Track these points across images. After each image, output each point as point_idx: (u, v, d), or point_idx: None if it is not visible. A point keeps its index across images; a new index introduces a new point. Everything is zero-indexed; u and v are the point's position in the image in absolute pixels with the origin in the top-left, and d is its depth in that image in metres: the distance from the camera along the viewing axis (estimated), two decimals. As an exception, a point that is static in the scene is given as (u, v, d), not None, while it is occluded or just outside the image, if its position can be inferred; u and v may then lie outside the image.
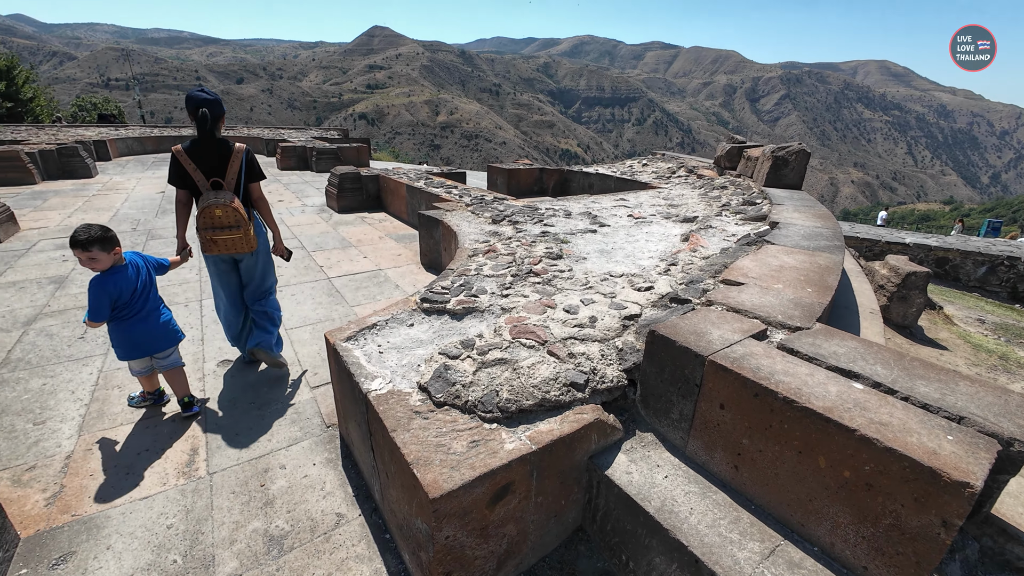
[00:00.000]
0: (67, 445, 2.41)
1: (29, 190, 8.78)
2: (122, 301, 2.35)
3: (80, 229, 2.22)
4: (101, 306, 2.29)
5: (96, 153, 12.90)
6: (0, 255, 5.20)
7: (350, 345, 2.19)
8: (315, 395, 2.88)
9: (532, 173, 9.75)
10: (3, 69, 22.33)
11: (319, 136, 17.00)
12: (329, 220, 7.20)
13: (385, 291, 4.54)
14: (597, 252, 3.60)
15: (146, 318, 2.46)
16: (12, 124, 17.92)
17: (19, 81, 23.07)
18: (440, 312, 2.52)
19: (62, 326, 3.65)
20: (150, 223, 6.72)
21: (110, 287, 2.30)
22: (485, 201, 5.68)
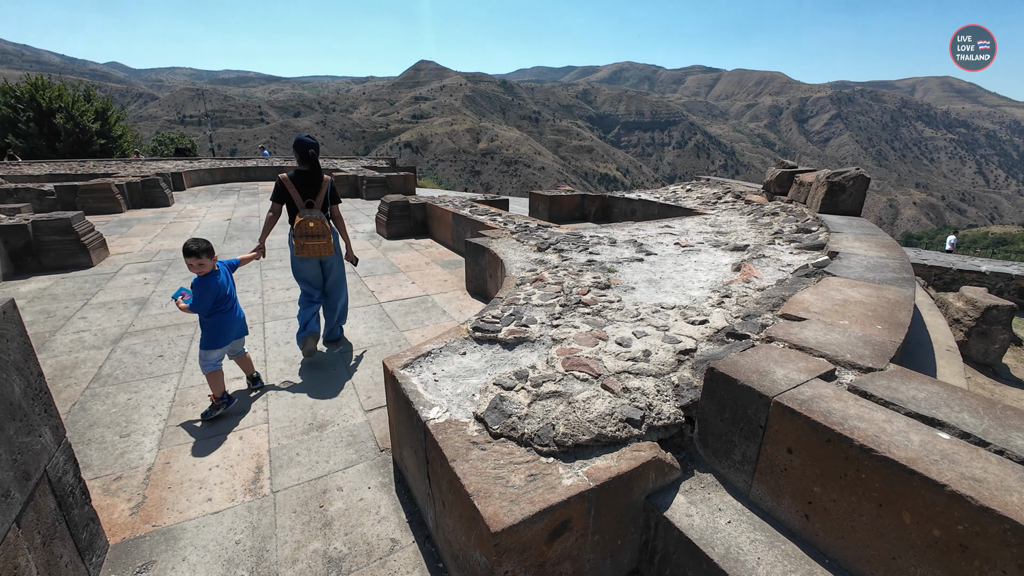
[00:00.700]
0: (148, 458, 2.61)
1: (117, 218, 9.74)
2: (220, 297, 2.92)
3: (191, 242, 2.81)
4: (207, 300, 2.87)
5: (173, 183, 14.18)
6: (92, 278, 5.77)
7: (407, 372, 2.27)
8: (369, 419, 2.98)
9: (574, 199, 9.84)
10: (99, 110, 25.17)
11: (368, 165, 17.94)
12: (379, 246, 7.53)
13: (432, 316, 4.67)
14: (645, 282, 3.57)
15: (232, 311, 3.02)
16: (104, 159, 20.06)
17: (111, 120, 25.89)
18: (491, 341, 2.57)
19: (144, 345, 3.98)
20: (219, 248, 7.26)
21: (213, 286, 2.88)
22: (529, 229, 5.78)
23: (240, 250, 7.07)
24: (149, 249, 7.16)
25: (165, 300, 5.00)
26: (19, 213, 6.70)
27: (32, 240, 5.89)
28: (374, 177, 13.07)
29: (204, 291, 2.85)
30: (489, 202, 9.02)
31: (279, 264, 6.38)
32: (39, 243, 5.95)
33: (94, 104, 25.09)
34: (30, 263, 5.96)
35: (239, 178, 17.10)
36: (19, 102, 22.64)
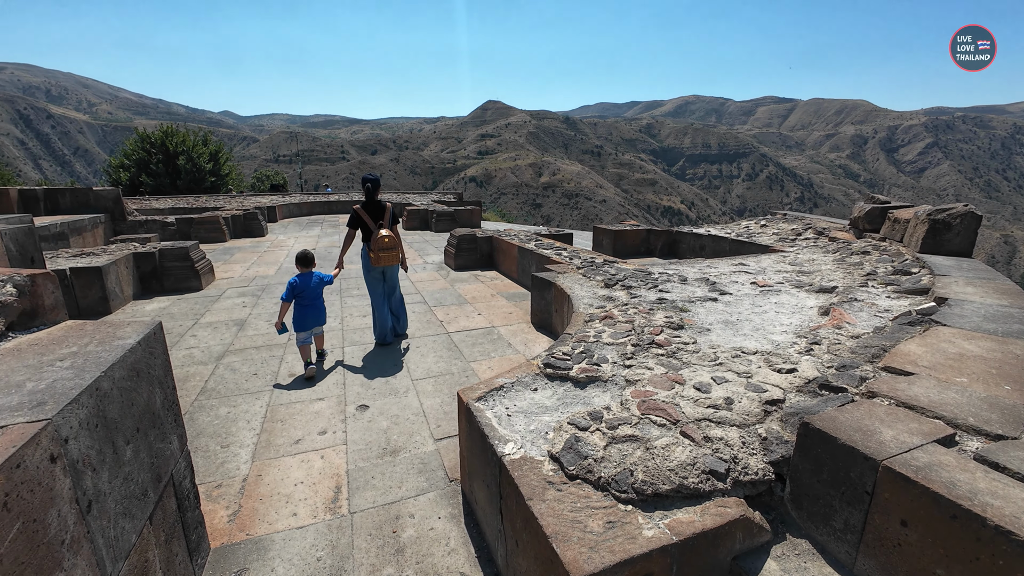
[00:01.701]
0: (244, 469, 2.85)
1: (222, 247, 11.00)
2: (299, 291, 4.06)
3: (302, 252, 4.17)
4: (288, 290, 4.05)
5: (268, 216, 15.82)
6: (201, 299, 6.52)
7: (481, 406, 2.33)
8: (439, 447, 3.06)
9: (639, 234, 9.71)
10: (212, 152, 28.98)
11: (437, 199, 18.95)
12: (447, 277, 7.85)
13: (498, 348, 4.75)
14: (721, 323, 3.43)
15: (311, 305, 4.12)
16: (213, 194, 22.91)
17: (221, 161, 29.66)
18: (563, 379, 2.58)
19: (242, 363, 4.41)
20: (305, 276, 7.94)
21: (297, 282, 4.07)
22: (595, 264, 5.78)
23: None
24: (247, 275, 7.99)
25: (260, 322, 5.52)
26: (149, 242, 7.78)
27: (158, 265, 6.81)
28: (443, 211, 13.76)
29: (290, 284, 4.06)
30: (553, 236, 9.14)
31: (356, 292, 6.84)
32: (163, 268, 6.86)
33: (209, 147, 28.93)
34: (154, 285, 6.86)
35: (323, 211, 18.73)
36: (152, 147, 26.66)
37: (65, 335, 1.75)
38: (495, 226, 14.87)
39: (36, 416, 1.19)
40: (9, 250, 3.62)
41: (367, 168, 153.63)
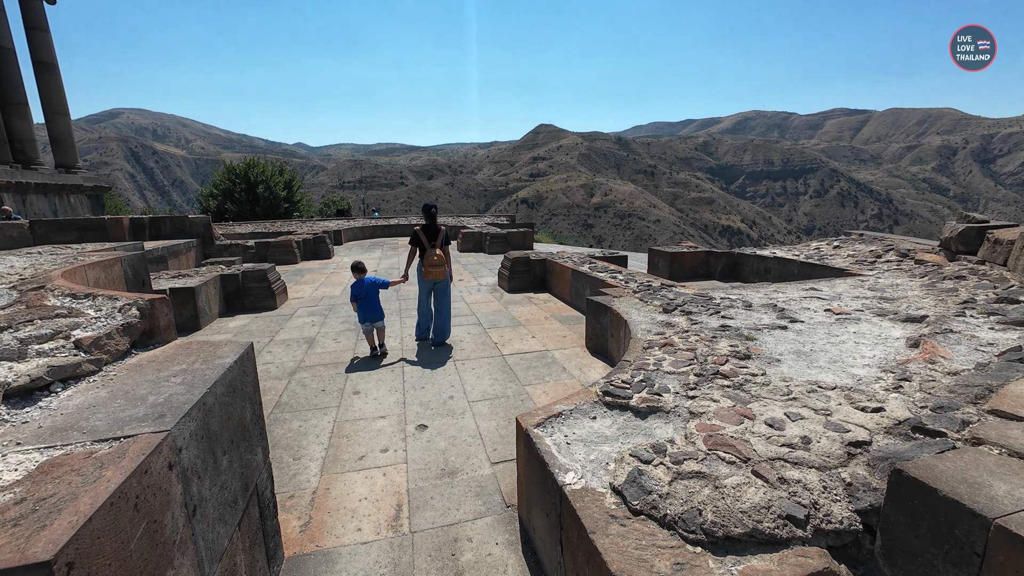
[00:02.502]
0: (313, 482, 3.02)
1: (293, 268, 11.87)
2: (356, 293, 5.26)
3: (355, 262, 5.41)
4: (352, 293, 5.28)
5: (334, 239, 16.92)
6: (276, 318, 7.05)
7: (540, 432, 2.34)
8: (495, 471, 3.08)
9: (697, 256, 9.39)
10: (287, 181, 31.61)
11: (491, 222, 19.41)
12: (500, 299, 7.98)
13: (553, 373, 4.74)
14: (792, 354, 3.23)
15: (369, 304, 5.21)
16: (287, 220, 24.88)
17: (294, 188, 32.27)
18: (622, 408, 2.54)
19: (311, 379, 4.70)
20: (367, 296, 8.38)
21: (355, 287, 5.28)
22: (652, 288, 5.66)
23: (384, 298, 8.08)
24: (316, 295, 8.56)
25: (327, 340, 5.88)
26: (233, 264, 8.57)
27: (240, 286, 7.48)
28: (496, 233, 14.06)
29: (353, 287, 5.33)
30: (607, 258, 9.05)
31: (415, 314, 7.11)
32: (244, 288, 7.52)
33: (284, 176, 31.59)
34: (236, 303, 7.52)
35: (383, 234, 19.75)
36: (236, 177, 29.53)
37: (175, 353, 1.98)
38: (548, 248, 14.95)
39: (158, 427, 1.36)
40: (126, 273, 4.16)
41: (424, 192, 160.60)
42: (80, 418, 1.43)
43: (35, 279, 2.75)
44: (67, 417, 1.43)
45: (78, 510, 1.00)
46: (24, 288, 2.44)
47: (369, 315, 5.21)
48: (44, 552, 0.89)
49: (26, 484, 1.10)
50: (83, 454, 1.22)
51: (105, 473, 1.13)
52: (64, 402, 1.54)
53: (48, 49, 19.10)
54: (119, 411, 1.46)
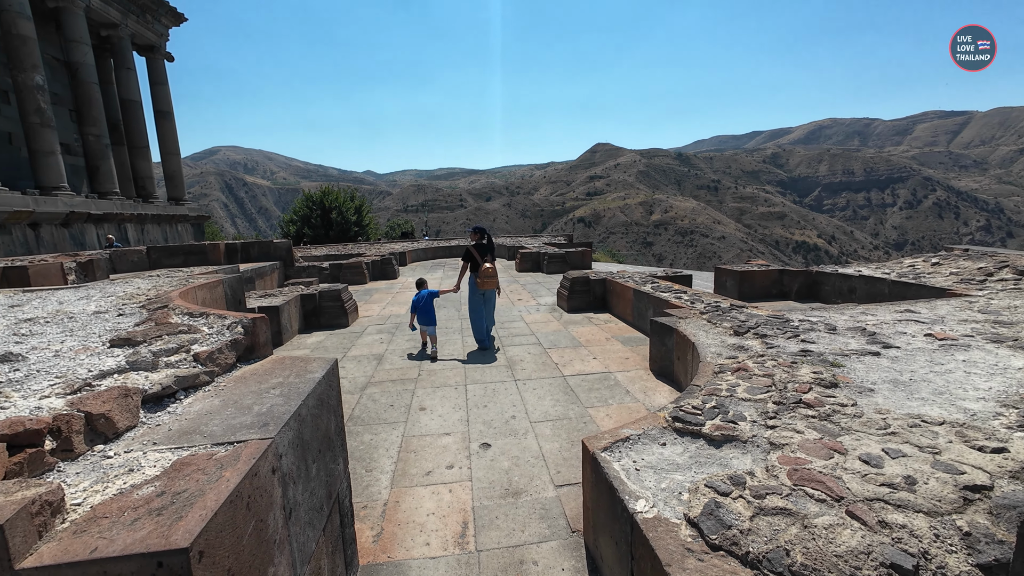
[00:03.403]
0: (384, 494, 3.15)
1: (363, 288, 12.62)
2: (415, 303, 6.23)
3: (420, 279, 6.52)
4: (412, 303, 6.29)
5: (399, 260, 17.82)
6: (348, 335, 7.51)
7: (608, 456, 2.30)
8: (559, 494, 3.05)
9: (769, 275, 8.84)
10: (357, 207, 33.90)
11: (548, 242, 19.52)
12: (560, 319, 7.96)
13: (616, 395, 4.63)
14: (888, 383, 2.94)
15: (425, 312, 6.18)
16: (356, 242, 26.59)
17: (364, 213, 34.51)
18: (694, 435, 2.44)
19: (380, 394, 4.94)
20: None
21: (415, 298, 6.25)
22: (721, 309, 5.40)
23: (446, 317, 8.36)
24: (383, 314, 9.02)
25: (395, 357, 6.17)
26: (312, 285, 9.28)
27: (317, 304, 8.07)
28: (554, 253, 14.11)
29: (413, 299, 6.32)
30: (670, 278, 8.77)
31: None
32: (320, 307, 8.10)
33: (355, 202, 33.92)
34: (313, 321, 8.11)
35: (444, 255, 20.50)
36: (313, 204, 32.13)
37: (273, 367, 2.19)
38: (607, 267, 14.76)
39: (264, 435, 1.52)
40: (227, 294, 4.67)
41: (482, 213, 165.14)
42: (200, 423, 1.62)
43: (158, 299, 3.17)
44: (190, 422, 1.64)
45: (206, 505, 1.15)
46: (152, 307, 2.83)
47: (424, 320, 6.25)
48: (183, 540, 1.02)
49: (163, 479, 1.27)
50: (205, 455, 1.39)
51: (224, 473, 1.28)
52: (186, 408, 1.76)
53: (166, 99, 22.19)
54: (231, 418, 1.64)
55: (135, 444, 1.48)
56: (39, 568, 0.96)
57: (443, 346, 6.58)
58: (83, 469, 1.35)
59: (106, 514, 1.11)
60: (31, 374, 1.79)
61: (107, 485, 1.25)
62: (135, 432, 1.57)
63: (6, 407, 1.48)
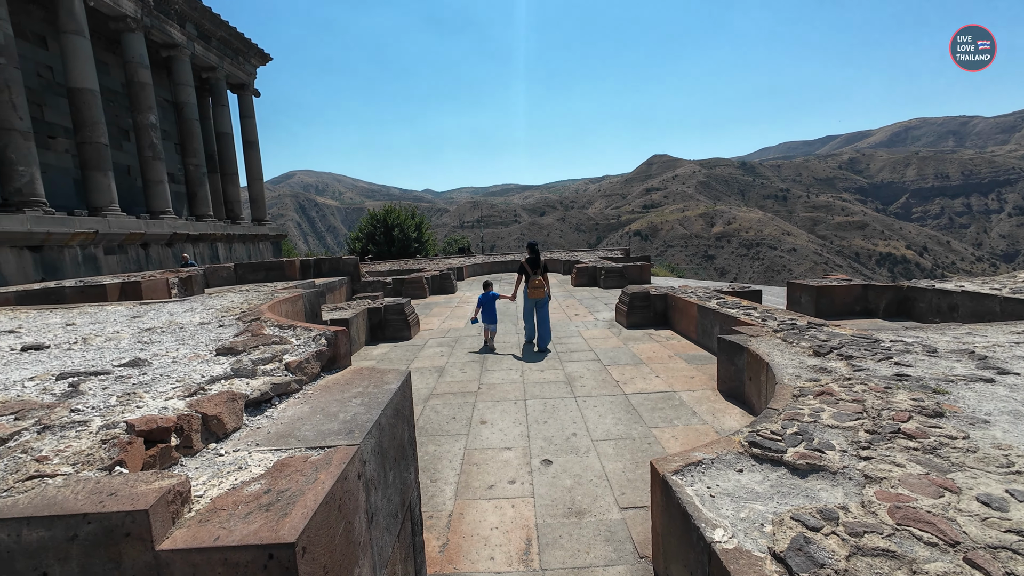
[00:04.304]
0: (449, 505, 3.22)
1: (423, 302, 13.09)
2: (481, 301, 7.33)
3: (487, 280, 7.73)
4: (479, 300, 7.39)
5: (457, 275, 18.32)
6: (411, 347, 7.81)
7: (680, 480, 2.21)
8: (625, 517, 2.96)
9: (851, 290, 8.14)
10: (417, 224, 35.41)
11: (604, 256, 19.25)
12: (619, 335, 7.78)
13: (681, 416, 4.44)
14: (1007, 415, 2.59)
15: (488, 310, 7.27)
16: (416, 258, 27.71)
17: (423, 230, 35.97)
18: (774, 463, 2.28)
19: (443, 406, 5.07)
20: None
21: (481, 296, 7.38)
22: (798, 327, 5.04)
23: (504, 330, 8.46)
24: (443, 327, 9.29)
25: (455, 370, 6.32)
26: (377, 299, 9.78)
27: (383, 318, 8.48)
28: (611, 267, 13.89)
29: (479, 298, 7.38)
30: (737, 293, 8.33)
31: (534, 349, 7.29)
32: (385, 320, 8.50)
33: (415, 220, 35.46)
34: (379, 334, 8.52)
35: (500, 270, 20.81)
36: (377, 222, 33.97)
37: (352, 378, 2.34)
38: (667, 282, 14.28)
39: (351, 441, 1.62)
40: (306, 308, 5.06)
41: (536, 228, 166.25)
42: (294, 427, 1.76)
43: (251, 312, 3.50)
44: (285, 426, 1.79)
45: (306, 504, 1.25)
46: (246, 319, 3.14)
47: (487, 318, 7.35)
48: (289, 535, 1.12)
49: (268, 477, 1.40)
50: (301, 458, 1.51)
51: (319, 476, 1.39)
52: (281, 413, 1.92)
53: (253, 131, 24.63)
54: (320, 424, 1.77)
55: (241, 444, 1.64)
56: (173, 551, 1.09)
57: (500, 347, 7.41)
58: (201, 464, 1.51)
59: (223, 506, 1.24)
60: (156, 378, 2.05)
61: (222, 480, 1.40)
62: (240, 433, 1.73)
63: (141, 406, 1.70)
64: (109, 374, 2.11)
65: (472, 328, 8.99)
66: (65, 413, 1.63)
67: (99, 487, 1.18)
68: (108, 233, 13.96)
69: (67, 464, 1.33)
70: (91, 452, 1.38)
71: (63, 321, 3.77)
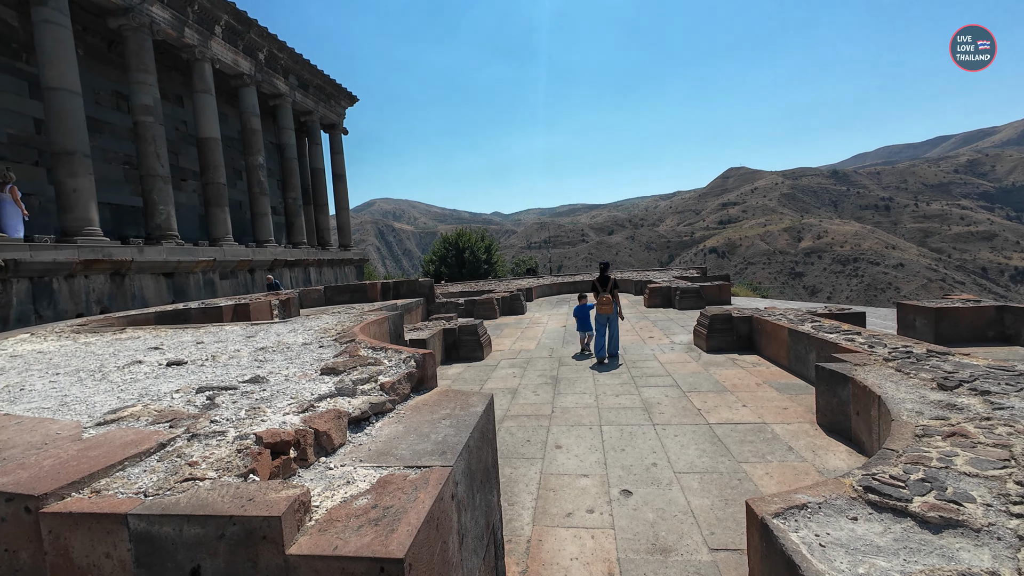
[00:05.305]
0: (527, 531, 3.20)
1: (494, 323, 13.35)
2: (576, 311, 8.57)
3: (581, 293, 8.80)
4: (575, 311, 8.72)
5: (526, 296, 18.50)
6: (483, 368, 7.97)
7: (782, 524, 2.03)
8: (716, 559, 2.76)
9: (981, 313, 7.07)
10: (487, 246, 36.47)
11: (679, 275, 18.43)
12: (698, 360, 7.37)
13: (776, 452, 4.08)
14: None
15: (582, 320, 8.39)
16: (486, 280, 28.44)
17: (492, 251, 36.95)
18: (897, 513, 2.02)
19: (517, 428, 5.10)
20: (558, 352, 8.79)
21: (577, 308, 8.59)
22: (915, 355, 4.46)
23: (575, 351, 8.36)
24: (514, 348, 9.39)
25: (528, 392, 6.34)
26: (452, 320, 10.15)
27: (457, 338, 8.77)
28: (687, 288, 13.26)
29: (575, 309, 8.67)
30: (835, 315, 7.55)
31: (607, 371, 7.12)
32: (459, 341, 8.78)
33: (484, 242, 36.56)
34: (452, 354, 8.81)
35: (569, 290, 20.69)
36: (449, 245, 35.47)
37: (439, 399, 2.46)
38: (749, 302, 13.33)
39: (444, 462, 1.70)
40: (391, 329, 5.41)
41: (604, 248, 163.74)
42: (391, 446, 1.89)
43: (346, 334, 3.81)
44: (383, 444, 1.92)
45: (410, 521, 1.33)
46: (343, 340, 3.43)
47: (581, 327, 8.46)
48: (397, 550, 1.20)
49: (373, 493, 1.51)
50: (401, 476, 1.61)
51: (419, 495, 1.47)
52: (378, 431, 2.06)
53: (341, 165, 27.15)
54: (414, 444, 1.88)
55: (346, 460, 1.79)
56: (300, 556, 1.22)
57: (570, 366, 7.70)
58: (314, 477, 1.67)
59: (338, 518, 1.36)
60: (274, 394, 2.31)
61: (334, 493, 1.53)
62: (345, 449, 1.89)
63: (265, 420, 1.92)
64: (236, 389, 2.40)
65: (543, 350, 9.00)
66: (207, 423, 1.89)
67: (239, 492, 1.35)
68: (223, 260, 15.95)
69: (212, 469, 1.53)
70: (229, 460, 1.58)
71: (193, 339, 4.36)
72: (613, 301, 7.78)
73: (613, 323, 7.85)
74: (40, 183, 12.78)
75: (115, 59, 14.83)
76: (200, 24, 15.80)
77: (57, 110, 11.36)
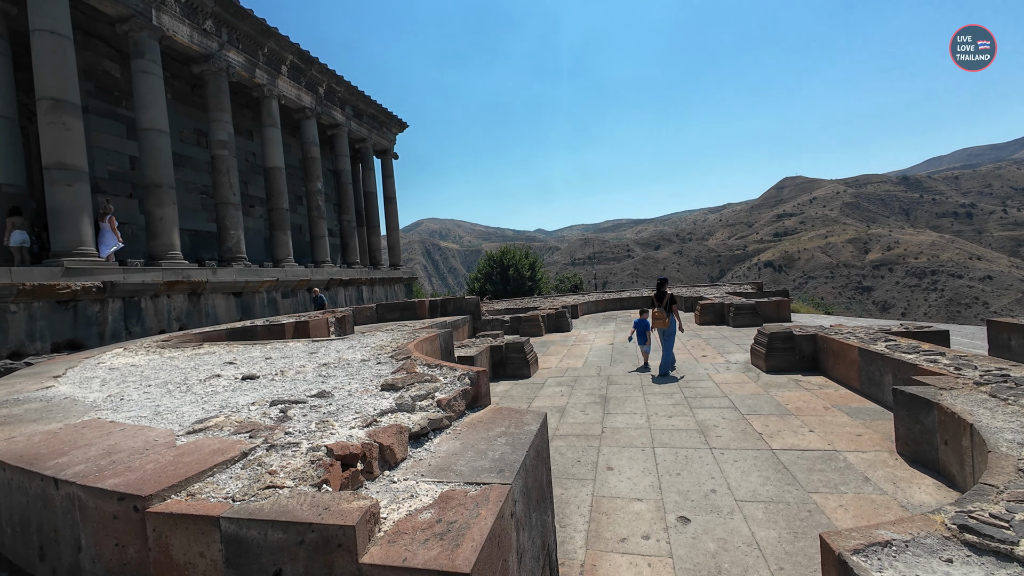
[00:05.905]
0: (580, 554, 3.13)
1: (540, 340, 13.31)
2: (635, 325, 8.62)
3: (642, 307, 9.76)
4: (634, 324, 8.72)
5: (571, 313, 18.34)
6: (530, 386, 7.95)
7: (864, 563, 1.88)
8: (786, 597, 2.57)
9: (1093, 332, 6.24)
10: (531, 263, 36.62)
11: (732, 291, 17.64)
12: (757, 380, 6.98)
13: (850, 482, 3.77)
14: None
15: (641, 335, 8.47)
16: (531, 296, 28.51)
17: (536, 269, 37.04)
18: (1001, 556, 1.82)
19: (566, 448, 5.03)
20: (606, 370, 8.62)
21: (636, 321, 8.70)
22: (1012, 379, 4.01)
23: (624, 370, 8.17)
24: (561, 366, 9.31)
25: (576, 411, 6.25)
26: (499, 337, 10.24)
27: (504, 356, 8.83)
28: (742, 304, 12.67)
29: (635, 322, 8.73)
30: (913, 334, 6.95)
31: (658, 391, 6.90)
32: (506, 358, 8.83)
33: (528, 259, 36.75)
34: (500, 371, 8.86)
35: (615, 307, 20.32)
36: (494, 263, 35.94)
37: (493, 417, 2.49)
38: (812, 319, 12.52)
39: (503, 480, 1.73)
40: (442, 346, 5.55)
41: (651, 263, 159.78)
42: (450, 462, 1.94)
43: (401, 351, 3.96)
44: (442, 459, 1.97)
45: (473, 537, 1.36)
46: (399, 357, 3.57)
47: (640, 339, 8.56)
48: (463, 565, 1.23)
49: (436, 508, 1.56)
50: (462, 492, 1.65)
51: (481, 511, 1.50)
52: (437, 447, 2.12)
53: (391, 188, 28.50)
54: (472, 461, 1.92)
55: (408, 474, 1.86)
56: (372, 565, 1.28)
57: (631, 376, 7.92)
58: (380, 489, 1.75)
59: (405, 530, 1.42)
60: (339, 409, 2.44)
61: (399, 505, 1.59)
62: (406, 464, 1.96)
63: (333, 433, 2.04)
64: (305, 403, 2.56)
65: (591, 368, 8.86)
66: (282, 435, 2.03)
67: (315, 501, 1.44)
68: (285, 280, 17.04)
69: (289, 479, 1.64)
70: (304, 470, 1.69)
71: (262, 355, 4.69)
72: (670, 316, 7.96)
73: (666, 340, 7.90)
74: (132, 212, 14.31)
75: (197, 100, 16.50)
76: (269, 65, 17.32)
77: (149, 148, 12.77)
